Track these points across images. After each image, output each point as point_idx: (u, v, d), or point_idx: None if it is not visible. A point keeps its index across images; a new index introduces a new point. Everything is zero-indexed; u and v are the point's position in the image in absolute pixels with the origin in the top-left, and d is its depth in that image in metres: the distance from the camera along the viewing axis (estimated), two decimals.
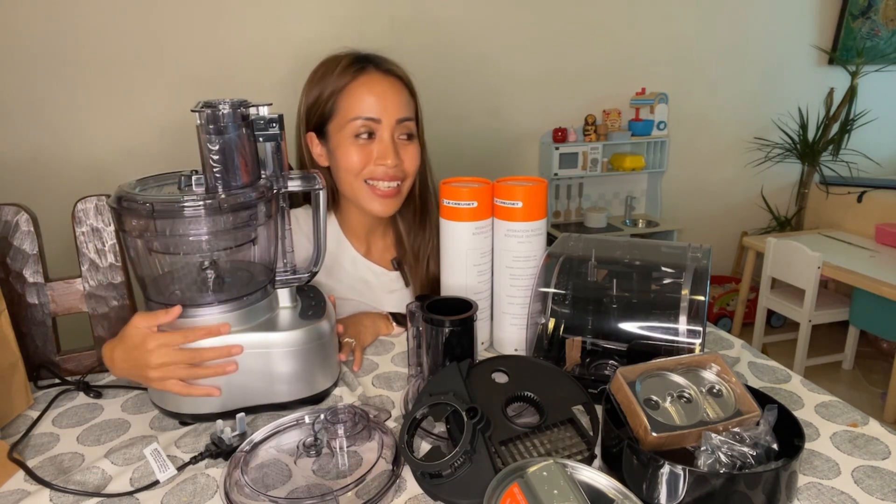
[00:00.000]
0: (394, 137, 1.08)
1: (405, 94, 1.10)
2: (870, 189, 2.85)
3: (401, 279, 1.22)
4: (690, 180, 3.03)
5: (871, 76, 3.02)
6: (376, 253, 1.23)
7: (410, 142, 1.11)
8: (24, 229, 1.03)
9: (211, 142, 0.77)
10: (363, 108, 1.06)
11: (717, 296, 3.01)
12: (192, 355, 0.78)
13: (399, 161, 1.08)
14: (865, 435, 0.77)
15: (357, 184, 1.10)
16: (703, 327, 0.82)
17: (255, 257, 0.87)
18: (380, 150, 1.07)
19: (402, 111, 1.08)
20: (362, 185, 1.10)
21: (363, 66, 1.09)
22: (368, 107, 1.06)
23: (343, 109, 1.08)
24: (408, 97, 1.11)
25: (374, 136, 1.08)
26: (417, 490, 0.69)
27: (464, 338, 0.84)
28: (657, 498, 0.62)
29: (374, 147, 1.08)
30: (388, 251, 1.24)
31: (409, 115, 1.10)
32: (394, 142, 1.08)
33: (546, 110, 2.69)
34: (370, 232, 1.21)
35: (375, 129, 1.07)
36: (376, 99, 1.06)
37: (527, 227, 0.96)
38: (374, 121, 1.07)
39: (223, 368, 0.79)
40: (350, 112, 1.07)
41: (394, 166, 1.07)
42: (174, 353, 0.78)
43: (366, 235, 1.21)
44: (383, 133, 1.07)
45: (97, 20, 2.03)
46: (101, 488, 0.71)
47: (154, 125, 2.16)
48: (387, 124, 1.07)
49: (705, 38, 2.85)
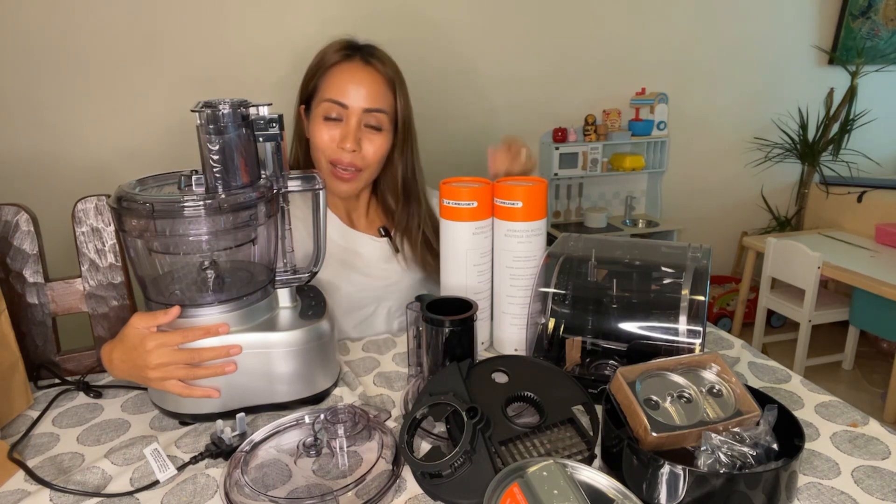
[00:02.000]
0: (360, 125, 1.13)
1: (381, 87, 1.14)
2: (870, 189, 2.85)
3: (391, 245, 1.25)
4: (690, 180, 3.03)
5: (871, 76, 3.02)
6: (360, 224, 1.27)
7: (377, 133, 1.15)
8: (24, 229, 1.03)
9: (211, 142, 0.77)
10: (336, 92, 1.12)
11: (717, 296, 3.01)
12: (190, 355, 0.78)
13: (358, 148, 1.13)
14: (865, 435, 0.77)
15: (324, 162, 1.16)
16: (703, 327, 0.82)
17: (255, 257, 0.87)
18: (342, 134, 1.13)
19: (372, 102, 1.12)
20: (328, 165, 1.16)
21: (350, 54, 1.15)
22: (341, 91, 1.12)
23: (321, 89, 1.15)
24: (384, 90, 1.15)
25: (342, 121, 1.13)
26: (417, 490, 0.69)
27: (464, 338, 0.84)
28: (657, 498, 0.62)
29: (338, 130, 1.13)
30: (374, 223, 1.28)
31: (381, 108, 1.14)
32: (359, 128, 1.13)
33: (546, 110, 2.68)
34: (349, 207, 1.26)
35: (343, 115, 1.13)
36: (350, 86, 1.12)
37: (527, 227, 0.96)
38: (341, 105, 1.12)
39: (222, 368, 0.79)
40: (326, 93, 1.13)
41: (351, 151, 1.12)
42: (173, 353, 0.78)
43: (346, 210, 1.26)
44: (350, 118, 1.12)
45: (97, 20, 2.03)
46: (101, 488, 0.71)
47: (154, 125, 2.16)
48: (354, 111, 1.12)
49: (705, 38, 2.85)
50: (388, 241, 1.25)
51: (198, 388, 0.80)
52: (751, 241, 2.77)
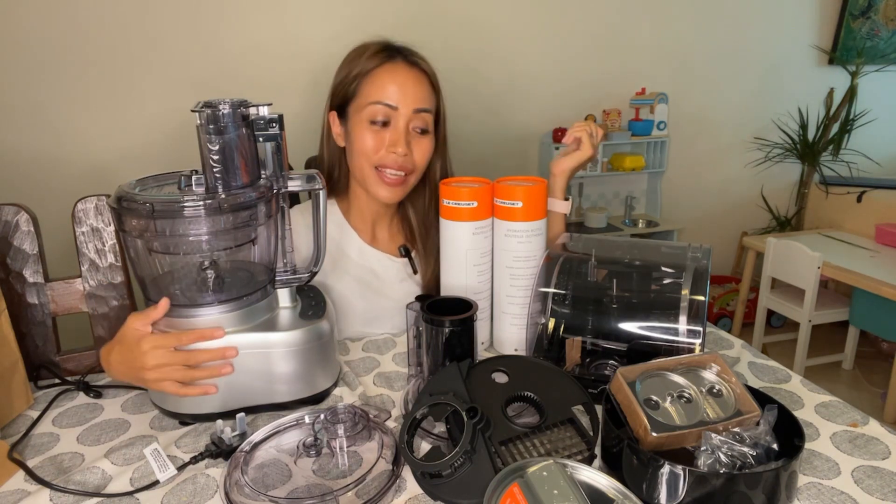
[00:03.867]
0: (408, 127, 1.10)
1: (427, 88, 1.11)
2: (870, 189, 2.85)
3: (409, 266, 1.21)
4: (690, 180, 3.03)
5: (871, 76, 3.02)
6: (382, 241, 1.23)
7: (424, 136, 1.12)
8: (24, 229, 1.03)
9: (211, 142, 0.77)
10: (383, 94, 1.08)
11: (717, 296, 3.01)
12: (186, 357, 0.78)
13: (409, 151, 1.09)
14: (865, 435, 0.77)
15: (367, 168, 1.11)
16: (703, 327, 0.82)
17: (254, 257, 0.87)
18: (392, 138, 1.09)
19: (420, 102, 1.09)
20: (372, 171, 1.11)
21: (392, 55, 1.11)
22: (389, 93, 1.08)
23: (364, 93, 1.10)
24: (429, 91, 1.12)
25: (389, 124, 1.09)
26: (417, 490, 0.69)
27: (464, 338, 0.84)
28: (657, 498, 0.62)
29: (387, 134, 1.09)
30: (395, 240, 1.24)
31: (427, 108, 1.11)
32: (408, 132, 1.10)
33: (546, 110, 2.68)
34: (377, 219, 1.22)
35: (391, 117, 1.09)
36: (397, 87, 1.08)
37: (527, 227, 0.96)
38: (391, 107, 1.08)
39: (218, 370, 0.79)
40: (370, 96, 1.09)
41: (403, 155, 1.08)
42: (169, 355, 0.78)
43: (372, 222, 1.22)
44: (398, 121, 1.08)
45: (98, 20, 2.03)
46: (101, 488, 0.71)
47: (154, 125, 2.16)
48: (403, 113, 1.08)
49: (705, 38, 2.85)
50: (408, 261, 1.21)
51: (194, 387, 0.80)
52: (751, 241, 2.77)
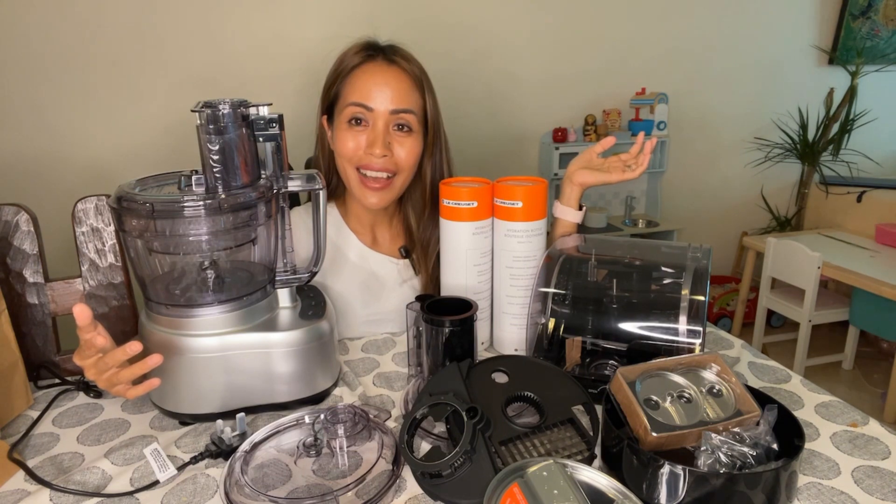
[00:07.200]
0: (388, 128, 1.08)
1: (407, 87, 1.09)
2: (870, 189, 2.85)
3: (410, 268, 1.20)
4: (690, 180, 3.03)
5: (871, 76, 3.02)
6: (383, 244, 1.21)
7: (408, 136, 1.09)
8: (24, 229, 1.03)
9: (211, 142, 0.77)
10: (359, 95, 1.06)
11: (717, 296, 3.01)
12: (107, 361, 0.77)
13: (389, 153, 1.07)
14: (865, 435, 0.77)
15: (350, 171, 1.10)
16: (703, 327, 0.82)
17: (255, 257, 0.86)
18: (370, 139, 1.07)
19: (398, 102, 1.07)
20: (355, 173, 1.10)
21: (372, 54, 1.09)
22: (365, 94, 1.06)
23: (344, 94, 1.09)
24: (411, 90, 1.09)
25: (368, 125, 1.08)
26: (417, 490, 0.69)
27: (464, 338, 0.84)
28: (657, 498, 0.62)
29: (366, 135, 1.08)
30: (396, 241, 1.22)
31: (408, 108, 1.08)
32: (387, 132, 1.08)
33: (546, 110, 2.69)
34: (376, 222, 1.21)
35: (368, 118, 1.07)
36: (375, 88, 1.06)
37: (527, 227, 0.96)
38: (366, 108, 1.06)
39: (146, 363, 0.76)
40: (348, 97, 1.08)
41: (381, 156, 1.06)
42: (100, 367, 0.78)
43: (371, 225, 1.20)
44: (377, 122, 1.07)
45: (98, 21, 2.03)
46: (101, 488, 0.71)
47: (154, 125, 2.16)
48: (380, 114, 1.06)
49: (705, 38, 2.85)
50: (408, 262, 1.20)
51: (139, 386, 0.78)
52: (751, 241, 2.77)
